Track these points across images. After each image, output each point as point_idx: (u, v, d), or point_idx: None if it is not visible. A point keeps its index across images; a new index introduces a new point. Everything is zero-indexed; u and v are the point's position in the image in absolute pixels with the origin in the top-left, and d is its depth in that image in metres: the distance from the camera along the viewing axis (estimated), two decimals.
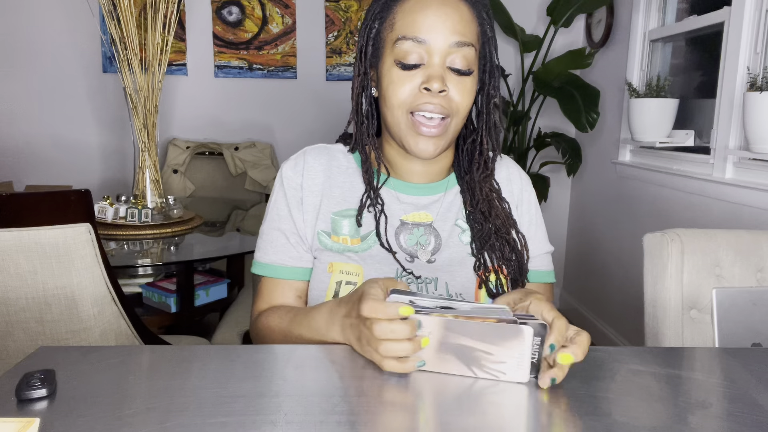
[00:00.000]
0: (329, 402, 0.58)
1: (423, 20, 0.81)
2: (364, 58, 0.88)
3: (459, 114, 0.85)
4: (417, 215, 0.92)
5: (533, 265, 0.96)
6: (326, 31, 3.22)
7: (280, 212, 0.92)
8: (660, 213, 2.38)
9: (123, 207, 2.07)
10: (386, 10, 0.85)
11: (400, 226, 0.91)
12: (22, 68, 3.10)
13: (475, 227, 0.91)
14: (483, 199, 0.92)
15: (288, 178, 0.92)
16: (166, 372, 0.65)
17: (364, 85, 0.89)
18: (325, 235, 0.90)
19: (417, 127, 0.83)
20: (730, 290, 0.83)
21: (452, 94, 0.83)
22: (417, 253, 0.89)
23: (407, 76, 0.82)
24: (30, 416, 0.53)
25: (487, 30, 0.87)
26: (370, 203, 0.89)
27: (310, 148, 0.95)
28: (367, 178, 0.91)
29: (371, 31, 0.87)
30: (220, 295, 2.11)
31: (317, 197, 0.91)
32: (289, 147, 3.26)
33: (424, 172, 0.93)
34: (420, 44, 0.81)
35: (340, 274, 0.87)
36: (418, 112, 0.83)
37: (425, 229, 0.91)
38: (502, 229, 0.91)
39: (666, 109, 2.30)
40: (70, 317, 1.16)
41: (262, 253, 0.92)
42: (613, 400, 0.60)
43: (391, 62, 0.83)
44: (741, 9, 1.89)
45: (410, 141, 0.85)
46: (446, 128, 0.84)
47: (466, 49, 0.82)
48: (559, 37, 3.06)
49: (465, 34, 0.82)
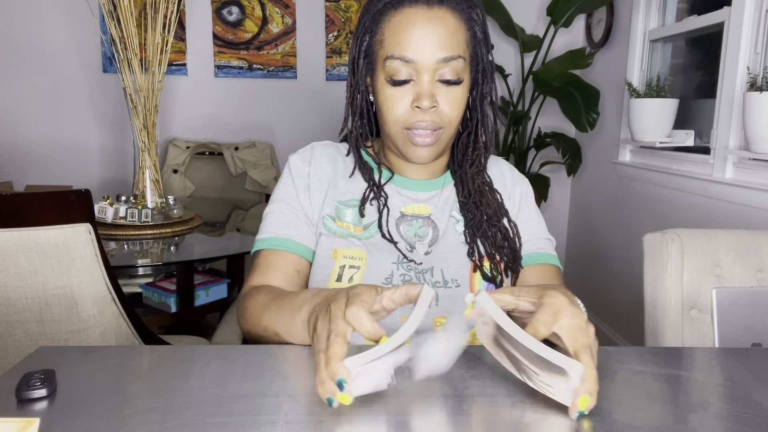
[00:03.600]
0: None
1: (409, 39, 0.83)
2: (357, 69, 0.91)
3: (451, 124, 0.88)
4: (416, 207, 0.96)
5: (532, 247, 0.97)
6: (326, 31, 3.22)
7: (288, 193, 0.94)
8: (660, 213, 2.38)
9: (123, 207, 2.07)
10: (375, 24, 0.87)
11: (400, 217, 0.94)
12: (22, 68, 3.10)
13: (467, 216, 0.95)
14: (476, 190, 0.96)
15: (296, 167, 0.95)
16: (166, 372, 0.65)
17: (356, 95, 0.93)
18: (329, 219, 0.93)
19: (412, 138, 0.87)
20: (730, 290, 0.83)
21: (442, 107, 0.86)
22: (415, 244, 0.93)
23: (399, 92, 0.85)
24: (30, 416, 0.53)
25: (477, 32, 0.89)
26: (373, 196, 0.93)
27: (317, 144, 0.99)
28: (367, 176, 0.95)
29: (362, 43, 0.89)
30: (220, 295, 2.11)
31: (324, 185, 0.94)
32: (289, 147, 3.26)
33: (422, 172, 0.97)
34: (408, 63, 0.84)
35: (344, 258, 0.89)
36: (412, 129, 0.86)
37: (423, 221, 0.95)
38: (494, 218, 0.95)
39: (666, 109, 2.30)
40: (70, 317, 1.16)
41: (267, 229, 0.91)
42: (613, 400, 0.60)
43: (383, 79, 0.86)
44: (741, 9, 1.89)
45: (407, 150, 0.89)
46: (439, 137, 0.88)
47: (454, 62, 0.84)
48: (559, 37, 3.06)
49: (452, 48, 0.84)
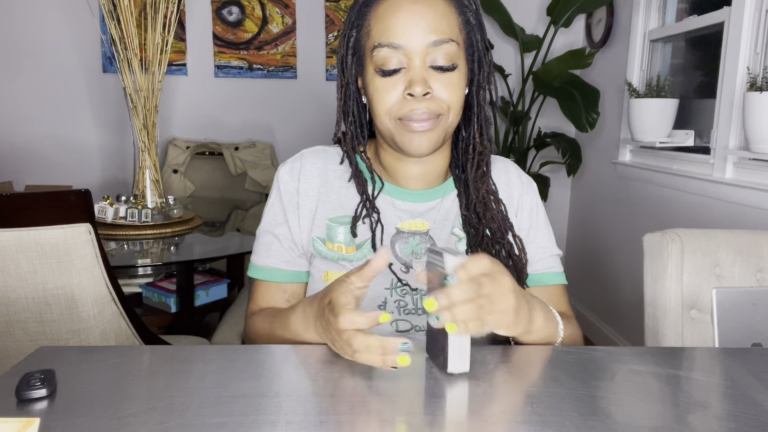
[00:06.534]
0: (329, 402, 0.58)
1: (396, 24, 0.78)
2: (345, 68, 0.86)
3: (451, 110, 0.82)
4: (413, 223, 0.89)
5: (541, 267, 0.94)
6: (326, 31, 3.22)
7: (275, 217, 0.91)
8: (660, 213, 2.38)
9: (123, 207, 2.07)
10: (361, 17, 0.83)
11: (396, 234, 0.89)
12: (22, 68, 3.09)
13: (470, 232, 0.90)
14: (479, 200, 0.89)
15: (284, 182, 0.91)
16: (166, 372, 0.65)
17: (348, 94, 0.88)
18: (320, 241, 0.89)
19: (408, 126, 0.81)
20: (730, 290, 0.83)
21: (438, 93, 0.80)
22: (412, 263, 0.88)
23: (389, 82, 0.80)
24: (30, 416, 0.53)
25: (471, 18, 0.84)
26: (366, 214, 0.87)
27: (307, 152, 0.93)
28: (360, 188, 0.89)
29: (350, 39, 0.85)
30: (220, 295, 2.11)
31: (313, 202, 0.90)
32: (289, 147, 3.26)
33: (420, 176, 0.90)
34: (396, 50, 0.79)
35: None
36: (406, 119, 0.81)
37: (421, 238, 0.89)
38: (498, 233, 0.89)
39: (666, 109, 2.29)
40: (70, 317, 1.16)
41: (257, 257, 0.93)
42: (613, 400, 0.60)
43: (372, 71, 0.81)
44: (741, 9, 1.89)
45: (404, 140, 0.82)
46: (438, 123, 0.81)
47: (446, 46, 0.79)
48: (559, 37, 3.06)
49: (442, 30, 0.79)
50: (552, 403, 0.58)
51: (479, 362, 0.68)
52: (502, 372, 0.65)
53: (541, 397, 0.59)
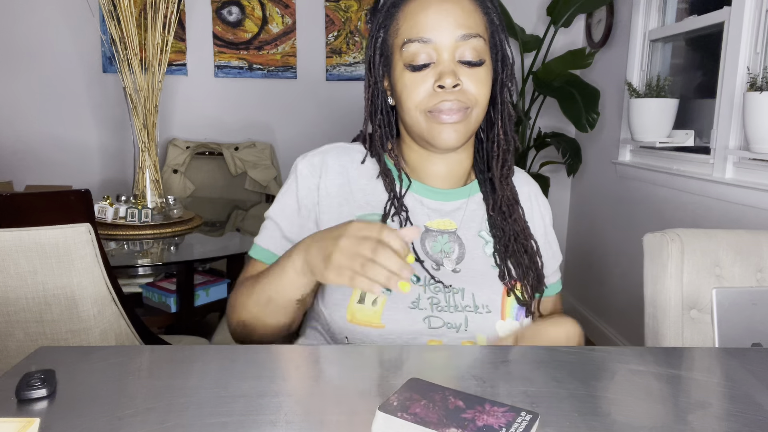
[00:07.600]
0: (329, 402, 0.58)
1: (425, 20, 0.81)
2: (373, 68, 0.88)
3: (479, 104, 0.83)
4: (441, 222, 0.90)
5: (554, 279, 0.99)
6: (326, 31, 3.22)
7: (284, 208, 0.91)
8: (660, 213, 2.38)
9: (123, 207, 2.07)
10: (389, 18, 0.85)
11: (425, 232, 0.89)
12: (22, 68, 3.09)
13: (497, 235, 0.91)
14: (504, 200, 0.91)
15: (303, 177, 0.90)
16: (166, 372, 0.65)
17: (375, 94, 0.89)
18: None
19: (438, 118, 0.82)
20: (730, 290, 0.83)
21: (467, 86, 0.82)
22: (442, 260, 0.88)
23: (419, 77, 0.82)
24: (30, 416, 0.53)
25: (494, 18, 0.87)
26: (395, 212, 0.88)
27: (330, 148, 0.93)
28: (388, 186, 0.89)
29: (377, 40, 0.87)
30: (220, 295, 2.11)
31: (336, 198, 0.89)
32: (289, 147, 3.26)
33: (446, 174, 0.91)
34: (426, 44, 0.81)
35: None
36: (435, 111, 0.82)
37: (449, 237, 0.90)
38: (521, 235, 0.91)
39: (666, 109, 2.29)
40: (70, 317, 1.16)
41: (260, 238, 0.92)
42: (613, 400, 0.60)
43: (402, 67, 0.83)
44: (741, 9, 1.89)
45: (433, 133, 0.83)
46: (467, 116, 0.83)
47: (474, 41, 0.82)
48: (559, 37, 3.06)
49: (470, 26, 0.82)
50: (552, 403, 0.58)
51: (479, 362, 0.68)
52: (502, 372, 0.65)
53: (541, 397, 0.59)
